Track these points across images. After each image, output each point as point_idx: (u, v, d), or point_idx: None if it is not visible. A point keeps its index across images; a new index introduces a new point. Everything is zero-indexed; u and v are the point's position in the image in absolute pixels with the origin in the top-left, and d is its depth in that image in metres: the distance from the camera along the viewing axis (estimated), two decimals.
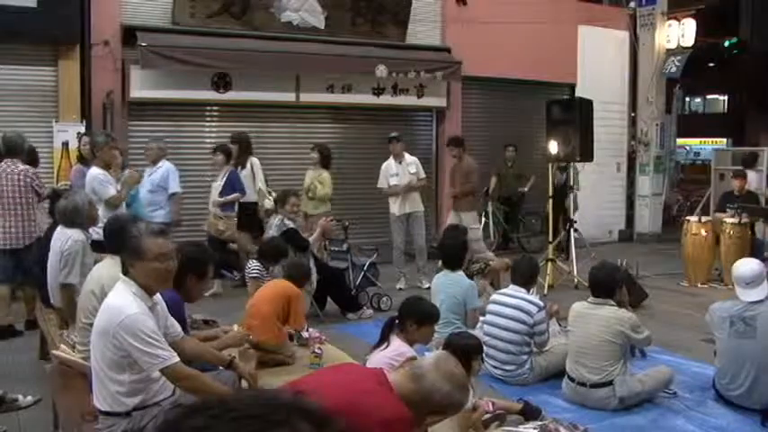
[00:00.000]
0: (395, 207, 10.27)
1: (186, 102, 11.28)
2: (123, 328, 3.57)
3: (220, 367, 4.74)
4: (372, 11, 12.37)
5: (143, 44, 10.33)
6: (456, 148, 10.50)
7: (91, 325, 4.02)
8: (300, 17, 11.74)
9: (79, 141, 8.92)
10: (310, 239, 8.38)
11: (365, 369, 3.05)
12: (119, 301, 3.71)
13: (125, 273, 3.84)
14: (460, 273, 6.93)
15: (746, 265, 5.84)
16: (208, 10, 11.07)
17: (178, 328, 4.17)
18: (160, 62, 10.44)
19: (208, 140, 11.34)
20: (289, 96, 11.81)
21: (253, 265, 7.63)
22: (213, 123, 11.77)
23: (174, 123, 11.26)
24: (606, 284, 5.81)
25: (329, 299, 8.65)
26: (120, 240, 4.17)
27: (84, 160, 8.17)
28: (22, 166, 7.62)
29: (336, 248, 9.18)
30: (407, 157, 10.41)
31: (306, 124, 12.28)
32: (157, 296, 3.94)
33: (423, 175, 10.52)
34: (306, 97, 11.97)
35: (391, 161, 10.31)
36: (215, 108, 11.73)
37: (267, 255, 7.39)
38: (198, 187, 10.60)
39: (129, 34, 10.60)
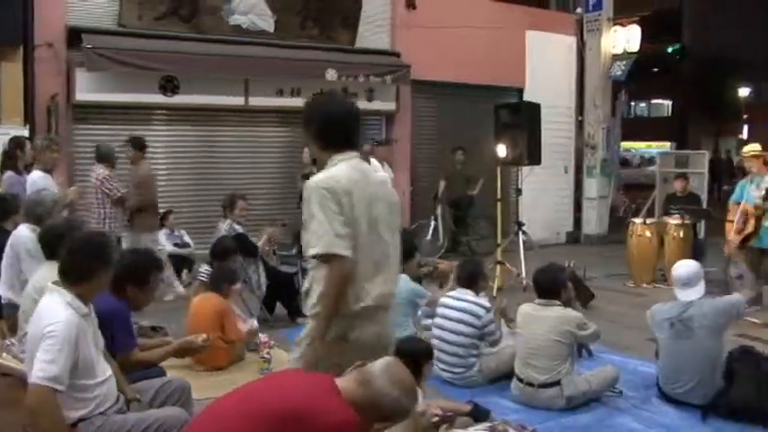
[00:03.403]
0: None
1: (133, 105, 11.11)
2: (48, 336, 3.48)
3: (168, 375, 4.71)
4: (322, 15, 12.36)
5: (88, 46, 10.17)
6: (133, 149, 9.37)
7: None
8: (249, 20, 11.68)
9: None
10: (259, 245, 8.34)
11: (313, 374, 3.03)
12: (49, 307, 3.63)
13: (64, 279, 3.74)
14: (404, 276, 6.95)
15: (684, 266, 5.99)
16: (155, 12, 10.95)
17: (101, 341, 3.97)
18: (106, 65, 10.29)
19: (156, 145, 11.21)
20: (238, 100, 11.73)
21: (203, 269, 7.62)
22: (161, 127, 11.60)
23: (121, 127, 11.04)
24: (551, 286, 5.90)
25: (279, 303, 8.61)
26: (58, 247, 4.11)
27: (14, 165, 7.97)
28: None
29: (286, 253, 9.16)
30: (374, 162, 10.44)
31: (255, 128, 12.21)
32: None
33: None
34: (255, 101, 11.90)
35: (375, 163, 10.29)
36: (163, 112, 11.58)
37: (217, 254, 7.38)
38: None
39: (75, 36, 10.42)
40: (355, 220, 3.34)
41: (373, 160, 10.31)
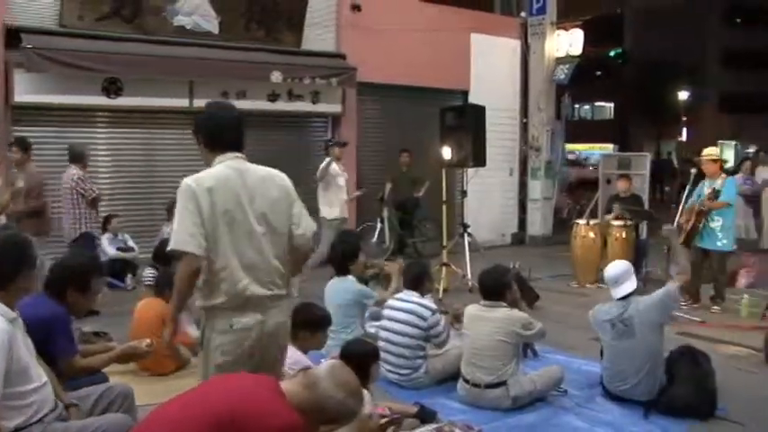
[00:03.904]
0: (342, 208, 10.21)
1: (75, 107, 10.92)
2: None
3: (111, 380, 4.64)
4: (267, 16, 12.30)
5: (28, 46, 9.96)
6: (20, 151, 8.95)
7: None
8: (193, 21, 11.57)
9: None
10: None
11: (257, 377, 3.02)
12: None
13: None
14: (350, 278, 6.97)
15: (612, 267, 6.12)
16: (97, 13, 10.78)
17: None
18: (47, 65, 10.09)
19: (99, 147, 11.05)
20: (182, 102, 11.60)
21: (147, 273, 7.54)
22: (104, 130, 11.41)
23: (62, 129, 10.87)
24: (496, 287, 5.95)
25: None
26: None
27: None
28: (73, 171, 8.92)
29: None
30: (334, 164, 10.43)
31: None
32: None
33: None
34: (200, 103, 11.65)
35: (334, 164, 10.23)
36: (105, 114, 11.38)
37: (161, 258, 7.30)
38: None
39: (13, 36, 10.20)
40: (217, 215, 3.63)
41: (334, 163, 10.32)
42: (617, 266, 6.10)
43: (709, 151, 9.63)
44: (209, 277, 3.69)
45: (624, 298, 5.90)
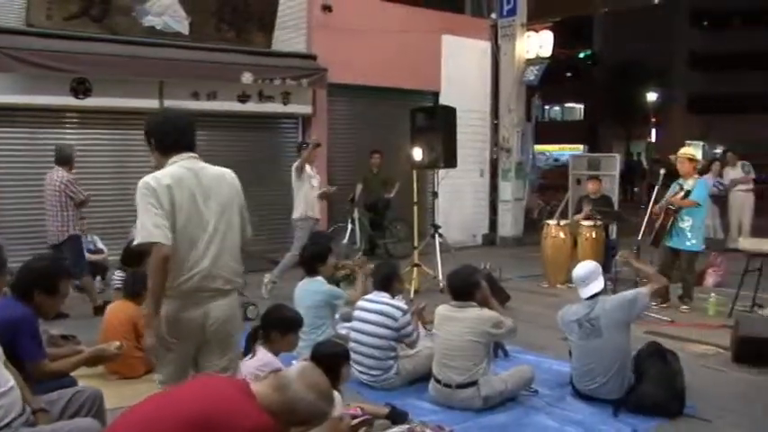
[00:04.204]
0: (314, 209, 10.19)
1: (43, 108, 10.78)
2: None
3: (79, 384, 4.59)
4: (238, 17, 12.24)
5: None
6: None
7: None
8: (163, 22, 11.49)
9: None
10: None
11: (227, 380, 3.02)
12: None
13: None
14: (320, 279, 6.96)
15: (580, 267, 6.18)
16: (65, 12, 10.65)
17: None
18: (14, 65, 9.97)
19: None
20: (152, 103, 11.46)
21: (116, 276, 7.48)
22: (72, 131, 11.26)
23: (30, 130, 10.76)
24: (464, 288, 5.96)
25: None
26: None
27: None
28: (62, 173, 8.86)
29: None
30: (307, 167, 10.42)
31: None
32: None
33: None
34: (170, 104, 11.64)
35: (307, 165, 10.22)
36: (74, 115, 11.26)
37: (129, 259, 7.25)
38: None
39: None
40: (176, 212, 3.85)
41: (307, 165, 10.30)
42: (585, 267, 6.15)
43: (686, 150, 9.73)
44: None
45: (591, 298, 5.95)
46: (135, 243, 3.88)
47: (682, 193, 9.21)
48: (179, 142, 4.08)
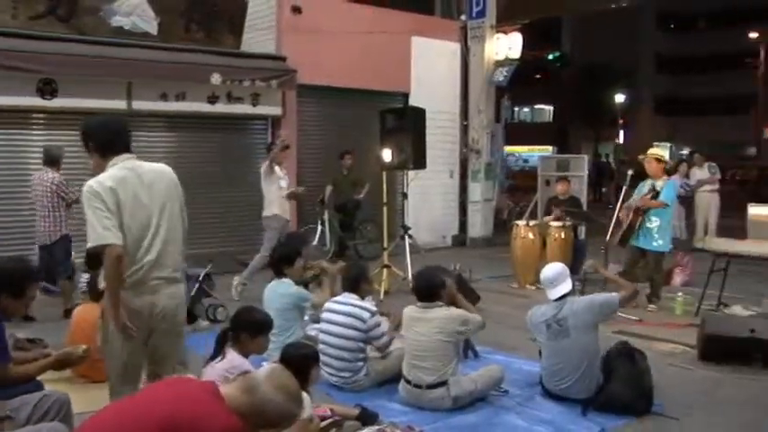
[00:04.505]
0: (283, 210, 10.15)
1: (8, 108, 10.62)
2: None
3: (46, 388, 4.54)
4: (207, 18, 12.18)
5: None
6: None
7: None
8: (132, 22, 11.39)
9: None
10: None
11: (196, 382, 2.99)
12: None
13: None
14: (287, 281, 6.94)
15: (549, 268, 6.22)
16: (31, 11, 10.53)
17: None
18: None
19: (34, 150, 10.79)
20: (120, 104, 11.38)
21: (83, 278, 7.40)
22: (39, 132, 11.09)
23: None
24: (429, 288, 5.98)
25: None
26: None
27: None
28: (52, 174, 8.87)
29: None
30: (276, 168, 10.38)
31: (139, 132, 11.77)
32: None
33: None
34: (138, 105, 11.59)
35: (277, 167, 10.17)
36: (41, 116, 11.10)
37: (93, 262, 7.17)
38: (26, 198, 10.01)
39: None
40: (122, 211, 4.07)
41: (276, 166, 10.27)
42: (553, 268, 6.19)
43: (654, 150, 9.81)
44: None
45: (560, 299, 5.99)
46: (88, 246, 4.06)
47: (649, 195, 9.28)
48: (117, 144, 4.30)
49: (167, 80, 11.57)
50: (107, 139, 4.31)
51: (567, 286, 6.05)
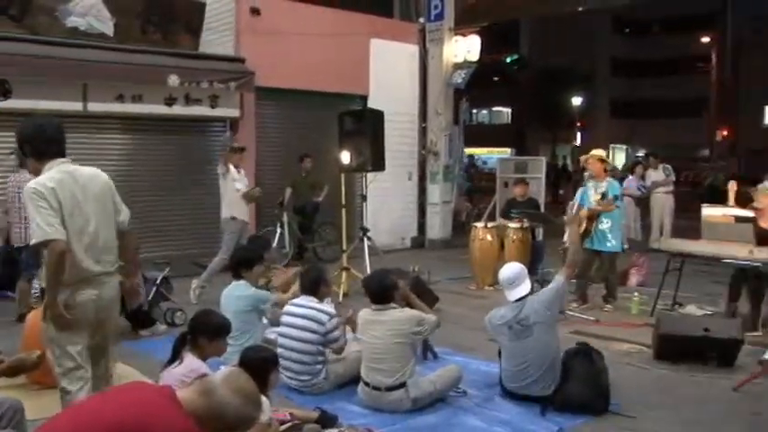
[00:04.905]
0: (241, 212, 10.07)
1: None
2: None
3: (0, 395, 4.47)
4: (164, 19, 12.03)
5: None
6: None
7: None
8: (87, 23, 11.22)
9: None
10: None
11: (152, 386, 2.97)
12: None
13: None
14: (244, 283, 6.90)
15: (508, 269, 6.25)
16: None
17: None
18: None
19: None
20: (75, 105, 11.22)
21: (37, 284, 7.30)
22: None
23: None
24: (381, 291, 6.00)
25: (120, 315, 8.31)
26: None
27: None
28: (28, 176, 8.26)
29: None
30: (241, 170, 10.28)
31: (95, 135, 11.72)
32: None
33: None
34: (94, 107, 11.44)
35: (232, 168, 10.08)
36: None
37: None
38: None
39: None
40: (62, 210, 4.25)
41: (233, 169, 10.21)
42: (511, 268, 6.23)
43: (596, 151, 9.90)
44: None
45: (518, 300, 6.04)
46: (32, 242, 4.26)
47: (598, 197, 9.37)
48: (53, 148, 4.48)
49: (124, 81, 11.42)
50: (43, 144, 4.47)
51: (525, 288, 6.09)
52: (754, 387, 6.44)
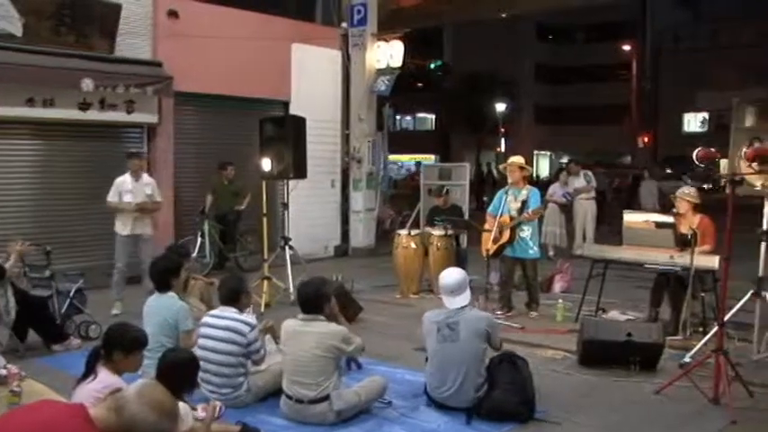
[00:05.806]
0: (124, 227, 9.74)
1: None
2: None
3: None
4: (77, 20, 11.63)
5: None
6: None
7: None
8: None
9: None
10: (6, 266, 7.67)
11: (63, 405, 2.82)
12: None
13: None
14: (171, 294, 6.65)
15: (451, 275, 6.17)
16: None
17: None
18: None
19: None
20: None
21: None
22: None
23: None
24: (315, 298, 5.87)
25: (31, 330, 7.97)
26: None
27: None
28: None
29: (37, 275, 8.47)
30: (145, 177, 9.98)
31: (4, 140, 11.27)
32: None
33: (158, 198, 10.13)
34: (2, 111, 10.97)
35: (127, 177, 9.79)
36: None
37: None
38: None
39: None
40: None
41: (145, 175, 9.96)
42: (453, 276, 6.15)
43: (516, 158, 9.91)
44: None
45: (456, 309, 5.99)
46: None
47: (518, 205, 9.38)
48: None
49: (34, 85, 10.98)
50: None
51: (465, 298, 6.05)
52: (675, 390, 6.49)
